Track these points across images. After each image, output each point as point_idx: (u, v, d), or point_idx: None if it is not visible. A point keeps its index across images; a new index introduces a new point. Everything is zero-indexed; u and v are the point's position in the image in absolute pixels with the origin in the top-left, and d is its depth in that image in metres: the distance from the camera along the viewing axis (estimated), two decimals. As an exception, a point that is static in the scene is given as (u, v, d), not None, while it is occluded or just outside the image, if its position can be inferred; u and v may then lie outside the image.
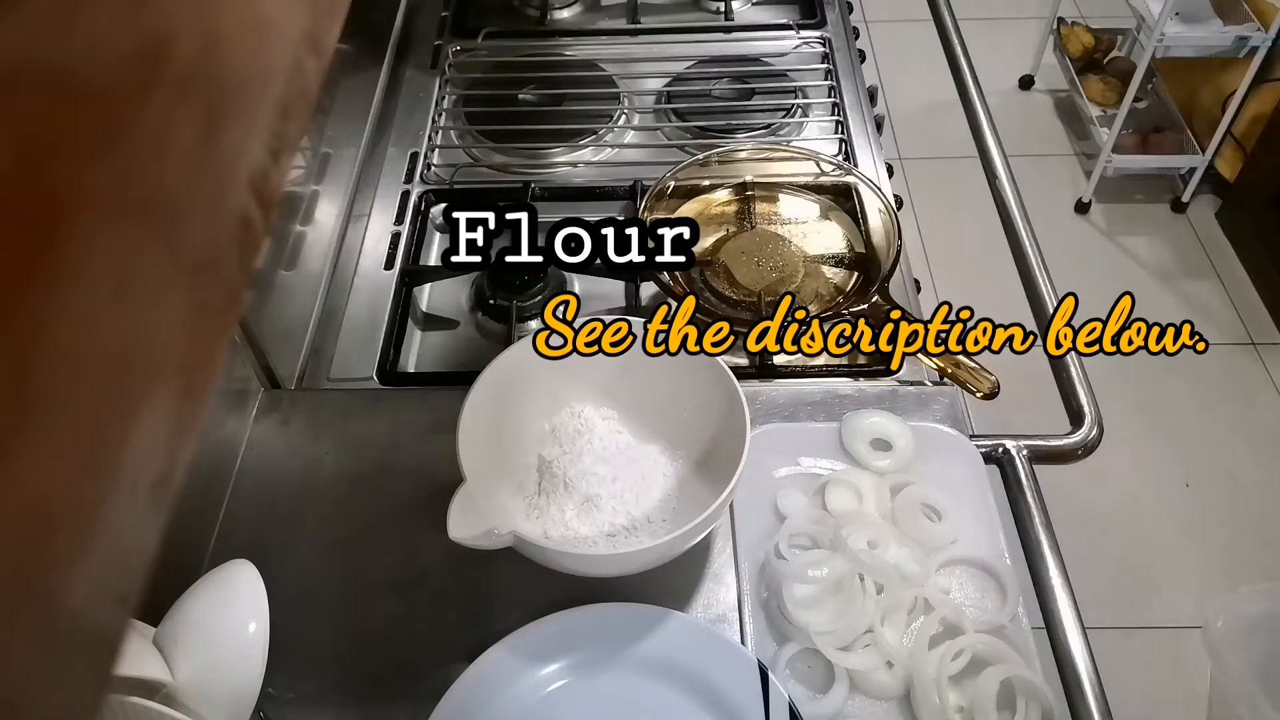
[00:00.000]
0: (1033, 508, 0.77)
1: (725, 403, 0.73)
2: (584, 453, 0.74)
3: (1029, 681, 0.65)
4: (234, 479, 0.81)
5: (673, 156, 1.08)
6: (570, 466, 0.73)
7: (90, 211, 0.18)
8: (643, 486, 0.74)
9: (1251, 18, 2.06)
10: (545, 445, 0.77)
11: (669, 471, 0.76)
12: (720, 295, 0.94)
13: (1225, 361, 2.03)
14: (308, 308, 0.94)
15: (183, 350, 0.22)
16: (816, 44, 1.25)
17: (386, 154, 1.11)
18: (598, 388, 0.79)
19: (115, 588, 0.20)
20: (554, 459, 0.75)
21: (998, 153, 1.04)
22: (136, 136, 0.19)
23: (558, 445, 0.76)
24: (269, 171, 0.25)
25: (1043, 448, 0.81)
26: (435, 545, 0.69)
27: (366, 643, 0.71)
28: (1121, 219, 2.34)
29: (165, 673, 0.54)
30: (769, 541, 0.73)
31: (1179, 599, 1.68)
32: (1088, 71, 2.44)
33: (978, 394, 0.80)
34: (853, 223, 1.01)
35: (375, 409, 0.86)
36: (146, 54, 0.20)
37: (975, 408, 0.84)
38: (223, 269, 0.23)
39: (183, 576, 0.60)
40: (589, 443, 0.75)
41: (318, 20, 0.29)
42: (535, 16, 1.33)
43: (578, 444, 0.75)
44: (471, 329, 0.96)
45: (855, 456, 0.79)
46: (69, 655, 0.19)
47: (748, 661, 0.66)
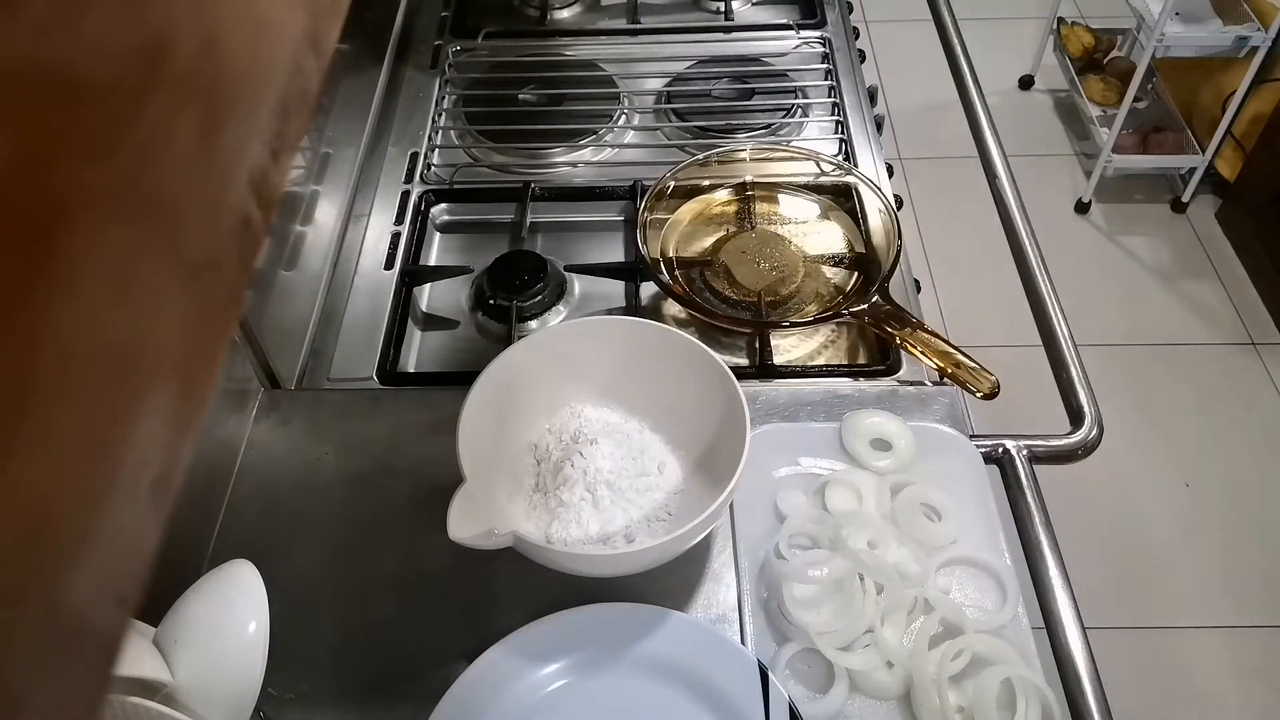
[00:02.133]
0: (1033, 508, 0.77)
1: (725, 403, 0.73)
2: (584, 453, 0.74)
3: (1029, 681, 0.65)
4: (234, 479, 0.81)
5: (673, 156, 1.08)
6: (570, 467, 0.73)
7: (90, 211, 0.18)
8: (643, 486, 0.74)
9: (1251, 17, 2.07)
10: (545, 445, 0.77)
11: (669, 471, 0.76)
12: (720, 295, 0.94)
13: (1225, 361, 2.03)
14: (308, 308, 0.94)
15: (183, 350, 0.22)
16: (816, 44, 1.25)
17: (386, 154, 1.12)
18: (598, 388, 0.79)
19: (115, 587, 0.20)
20: (554, 459, 0.75)
21: (998, 153, 1.04)
22: (136, 136, 0.19)
23: (558, 445, 0.76)
24: (269, 171, 0.25)
25: (1043, 448, 0.81)
26: (435, 545, 0.69)
27: (366, 642, 0.71)
28: (1121, 219, 2.34)
29: (165, 673, 0.54)
30: (769, 541, 0.73)
31: (1179, 599, 1.68)
32: (1088, 71, 2.44)
33: (978, 394, 0.80)
34: (853, 223, 1.01)
35: (375, 409, 0.86)
36: (146, 54, 0.20)
37: (975, 407, 0.84)
38: (223, 269, 0.23)
39: (183, 576, 0.60)
40: (589, 443, 0.75)
41: (318, 20, 0.29)
42: (535, 16, 1.33)
43: (578, 444, 0.75)
44: (471, 329, 0.96)
45: (855, 456, 0.79)
46: (69, 655, 0.19)
47: (748, 661, 0.66)
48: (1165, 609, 1.68)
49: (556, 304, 0.96)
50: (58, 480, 0.18)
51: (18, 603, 0.17)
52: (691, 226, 1.01)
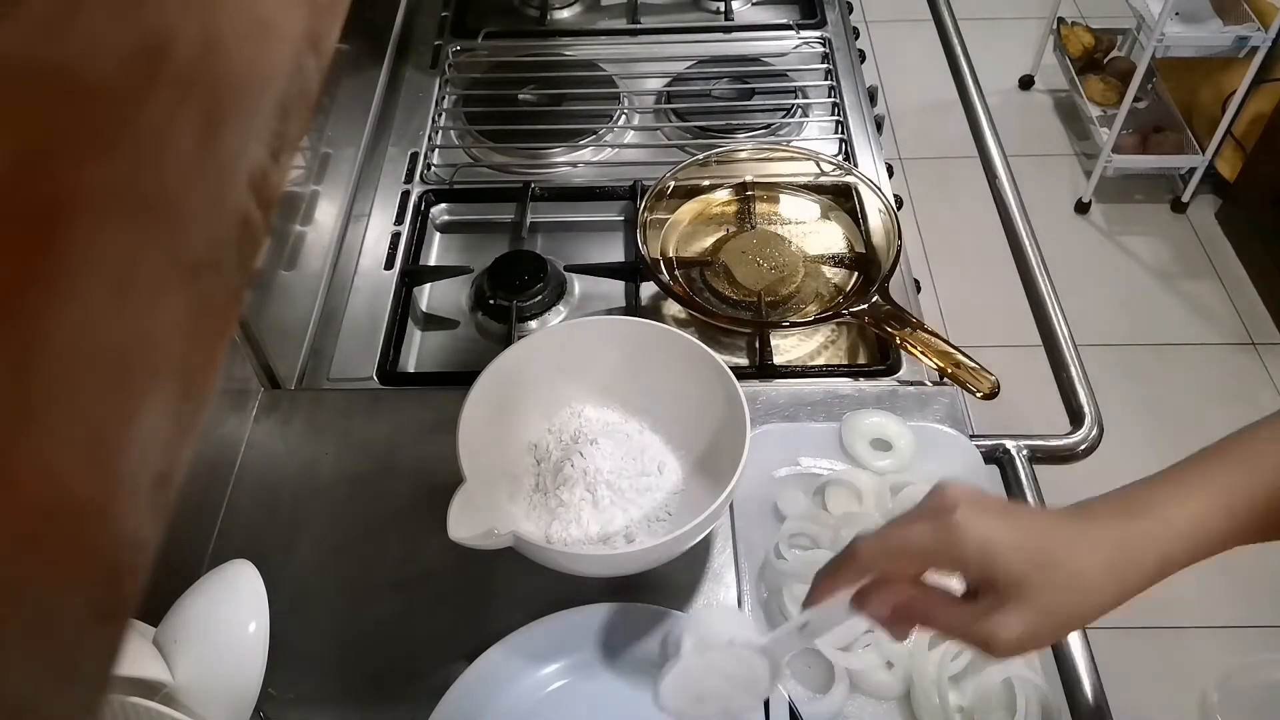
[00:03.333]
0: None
1: (725, 403, 0.73)
2: (584, 453, 0.74)
3: (1029, 681, 0.65)
4: (234, 479, 0.81)
5: (673, 156, 1.08)
6: (570, 467, 0.73)
7: (90, 211, 0.18)
8: (643, 486, 0.74)
9: (1251, 17, 2.07)
10: (545, 445, 0.77)
11: (669, 471, 0.76)
12: (720, 295, 0.94)
13: (1225, 361, 2.03)
14: (308, 308, 0.94)
15: (183, 350, 0.22)
16: (816, 44, 1.25)
17: (386, 154, 1.12)
18: (598, 388, 0.79)
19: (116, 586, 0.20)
20: (554, 459, 0.75)
21: (998, 153, 1.04)
22: (136, 136, 0.19)
23: (558, 445, 0.76)
24: (269, 171, 0.25)
25: (1043, 447, 0.81)
26: (435, 545, 0.69)
27: (366, 642, 0.71)
28: (1121, 219, 2.34)
29: (165, 673, 0.54)
30: (769, 542, 0.73)
31: (1179, 598, 1.68)
32: (1088, 71, 2.44)
33: (978, 394, 0.80)
34: (853, 223, 1.01)
35: (375, 409, 0.86)
36: (146, 54, 0.20)
37: (975, 407, 0.84)
38: (223, 269, 0.23)
39: (183, 576, 0.60)
40: (589, 443, 0.75)
41: (318, 20, 0.29)
42: (535, 16, 1.33)
43: (578, 444, 0.75)
44: (471, 329, 0.96)
45: (855, 457, 0.79)
46: (70, 655, 0.19)
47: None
48: (1165, 608, 1.68)
49: (556, 304, 0.96)
50: (58, 480, 0.18)
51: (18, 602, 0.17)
52: (691, 226, 1.01)
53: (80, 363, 0.18)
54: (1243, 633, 1.64)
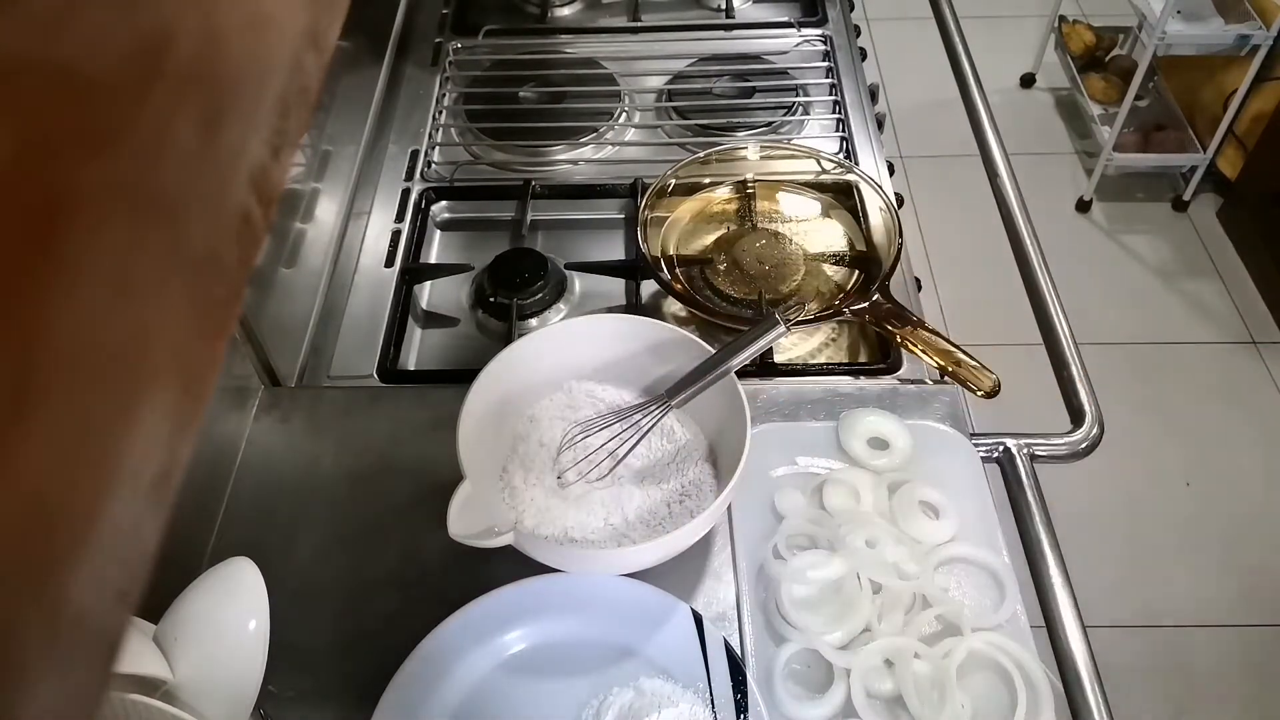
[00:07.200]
0: (1033, 507, 0.77)
1: (725, 402, 0.73)
2: (584, 451, 0.74)
3: (1029, 679, 0.65)
4: (234, 476, 0.81)
5: (673, 154, 1.08)
6: (570, 465, 0.73)
7: (90, 208, 0.18)
8: (643, 485, 0.74)
9: (1253, 16, 2.06)
10: (545, 443, 0.77)
11: (669, 470, 0.76)
12: (721, 293, 0.94)
13: (1226, 360, 2.03)
14: (308, 305, 0.94)
15: (183, 347, 0.22)
16: (817, 42, 1.25)
17: (387, 151, 1.11)
18: (597, 385, 0.79)
19: (116, 584, 0.20)
20: (554, 457, 0.75)
21: (999, 151, 1.04)
22: (137, 134, 0.19)
23: (557, 443, 0.76)
24: (269, 168, 0.25)
25: (1043, 446, 0.81)
26: (435, 543, 0.69)
27: (367, 640, 0.71)
28: (1123, 217, 2.34)
29: (165, 670, 0.54)
30: (767, 541, 0.73)
31: (1179, 598, 1.68)
32: (1089, 70, 2.44)
33: (979, 392, 0.80)
34: (853, 221, 1.01)
35: (375, 407, 0.86)
36: (147, 51, 0.20)
37: (976, 406, 0.84)
38: (223, 266, 0.23)
39: (183, 573, 0.60)
40: (589, 441, 0.75)
41: (318, 17, 0.29)
42: (536, 14, 1.33)
43: (578, 443, 0.75)
44: (472, 327, 0.96)
45: (852, 456, 0.79)
46: (70, 651, 0.19)
47: (681, 610, 0.68)
48: (1165, 608, 1.68)
49: (557, 302, 0.96)
50: (58, 476, 0.18)
51: (18, 600, 0.17)
52: (692, 224, 1.01)
53: (80, 359, 0.18)
54: (1243, 632, 1.64)
